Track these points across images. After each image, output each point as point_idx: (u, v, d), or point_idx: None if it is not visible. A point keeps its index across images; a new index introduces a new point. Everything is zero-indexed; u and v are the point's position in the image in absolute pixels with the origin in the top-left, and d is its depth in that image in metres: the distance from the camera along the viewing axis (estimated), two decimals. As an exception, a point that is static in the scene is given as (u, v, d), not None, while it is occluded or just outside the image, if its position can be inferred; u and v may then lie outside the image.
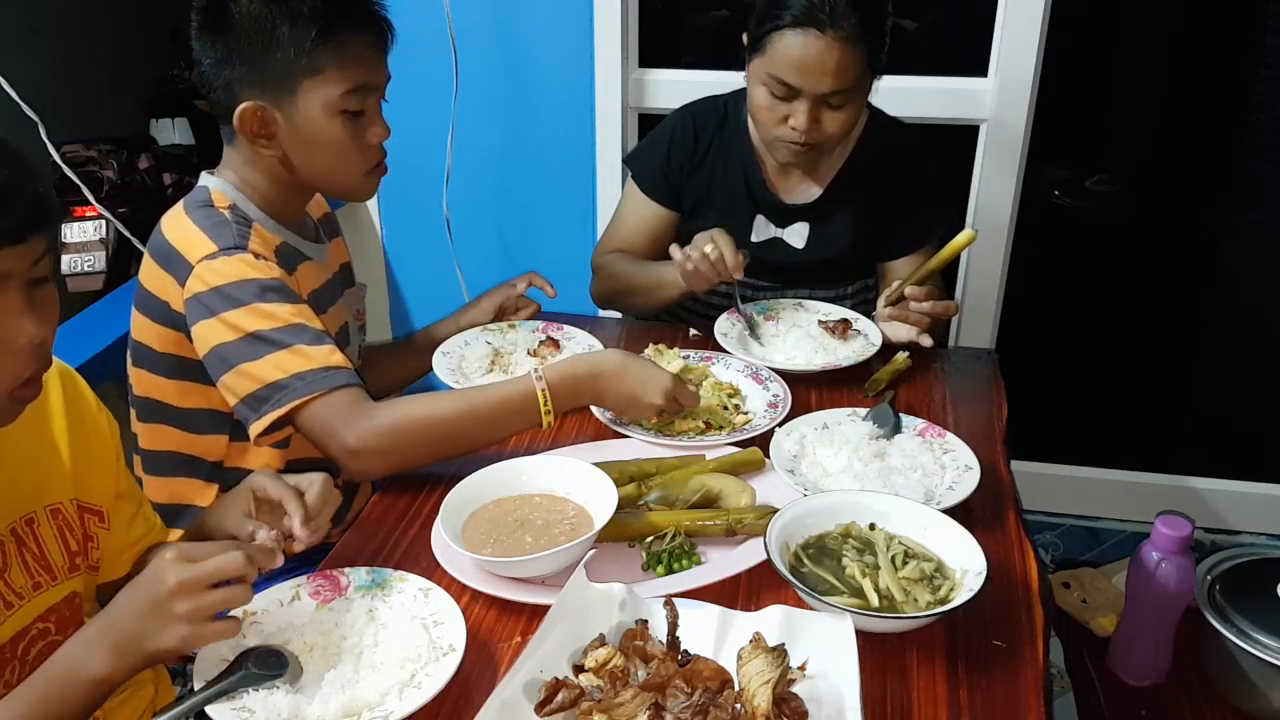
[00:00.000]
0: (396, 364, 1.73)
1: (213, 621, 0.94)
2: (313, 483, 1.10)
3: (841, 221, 1.79)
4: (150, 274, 1.35)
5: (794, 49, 1.54)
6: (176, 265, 1.31)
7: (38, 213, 0.91)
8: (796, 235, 1.81)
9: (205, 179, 1.39)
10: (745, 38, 1.64)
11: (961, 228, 1.62)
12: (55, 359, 1.12)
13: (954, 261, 1.67)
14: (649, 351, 1.59)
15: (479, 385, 1.35)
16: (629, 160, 1.92)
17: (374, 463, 1.28)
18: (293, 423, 1.27)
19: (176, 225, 1.34)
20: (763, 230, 1.82)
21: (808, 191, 1.80)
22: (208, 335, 1.28)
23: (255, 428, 1.27)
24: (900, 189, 1.77)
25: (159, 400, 1.40)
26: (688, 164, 1.82)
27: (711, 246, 1.57)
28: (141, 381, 1.42)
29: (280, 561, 1.03)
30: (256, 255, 1.30)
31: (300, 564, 1.44)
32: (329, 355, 1.27)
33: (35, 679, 0.96)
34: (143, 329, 1.39)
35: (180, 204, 1.37)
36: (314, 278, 1.45)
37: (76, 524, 1.13)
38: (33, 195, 0.90)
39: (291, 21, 1.29)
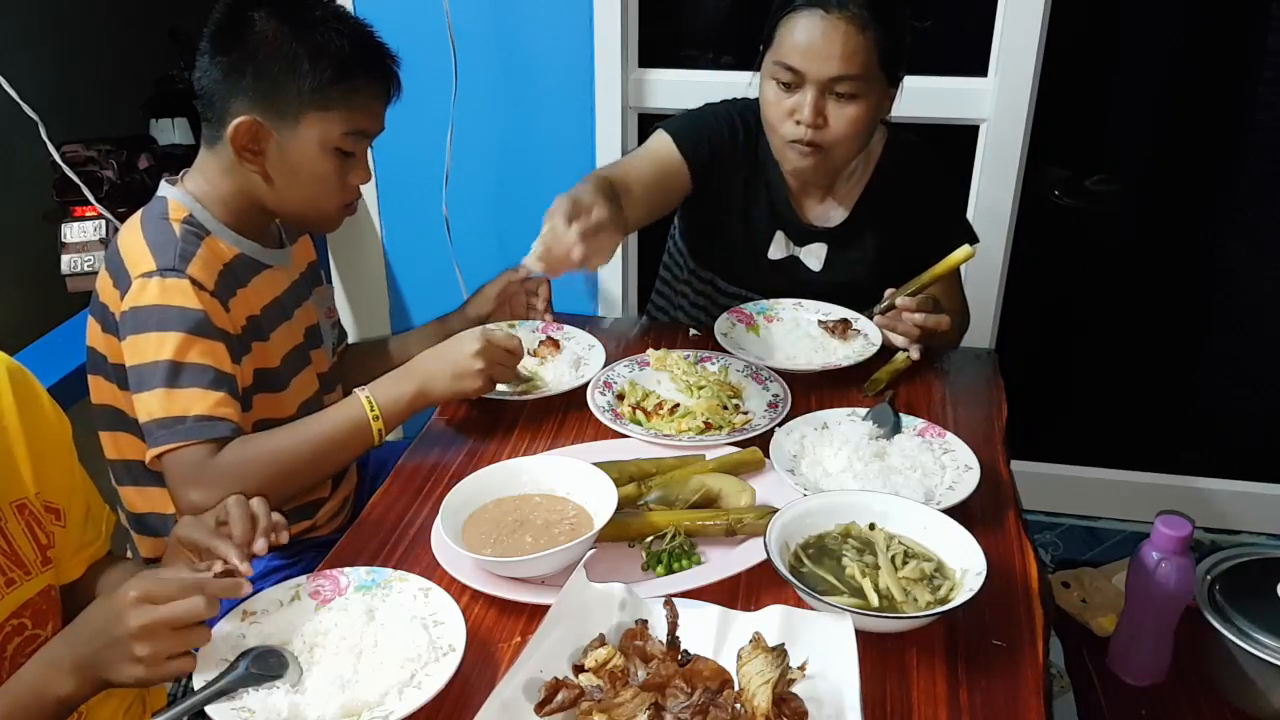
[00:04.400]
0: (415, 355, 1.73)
1: (170, 661, 0.95)
2: (229, 509, 1.08)
3: (862, 247, 1.77)
4: (103, 283, 1.37)
5: (799, 31, 1.54)
6: (121, 276, 1.32)
7: None
8: (813, 256, 1.79)
9: (164, 189, 1.40)
10: (761, 50, 1.62)
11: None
12: (5, 356, 1.12)
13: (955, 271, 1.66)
14: (649, 354, 1.59)
15: (313, 415, 1.36)
16: (668, 124, 1.76)
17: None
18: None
19: (128, 236, 1.35)
20: (780, 248, 1.79)
21: (829, 214, 1.77)
22: (129, 351, 1.30)
23: (147, 455, 1.29)
24: (923, 216, 1.74)
25: (116, 408, 1.40)
26: (729, 158, 1.75)
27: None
28: (99, 389, 1.42)
29: (246, 589, 1.02)
30: (193, 280, 1.30)
31: (300, 564, 1.45)
32: (217, 404, 1.28)
33: (0, 697, 0.96)
34: (95, 337, 1.40)
35: (139, 214, 1.38)
36: (275, 285, 1.46)
37: (44, 518, 1.13)
38: None
39: (314, 55, 1.31)
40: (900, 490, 1.25)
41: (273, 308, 1.44)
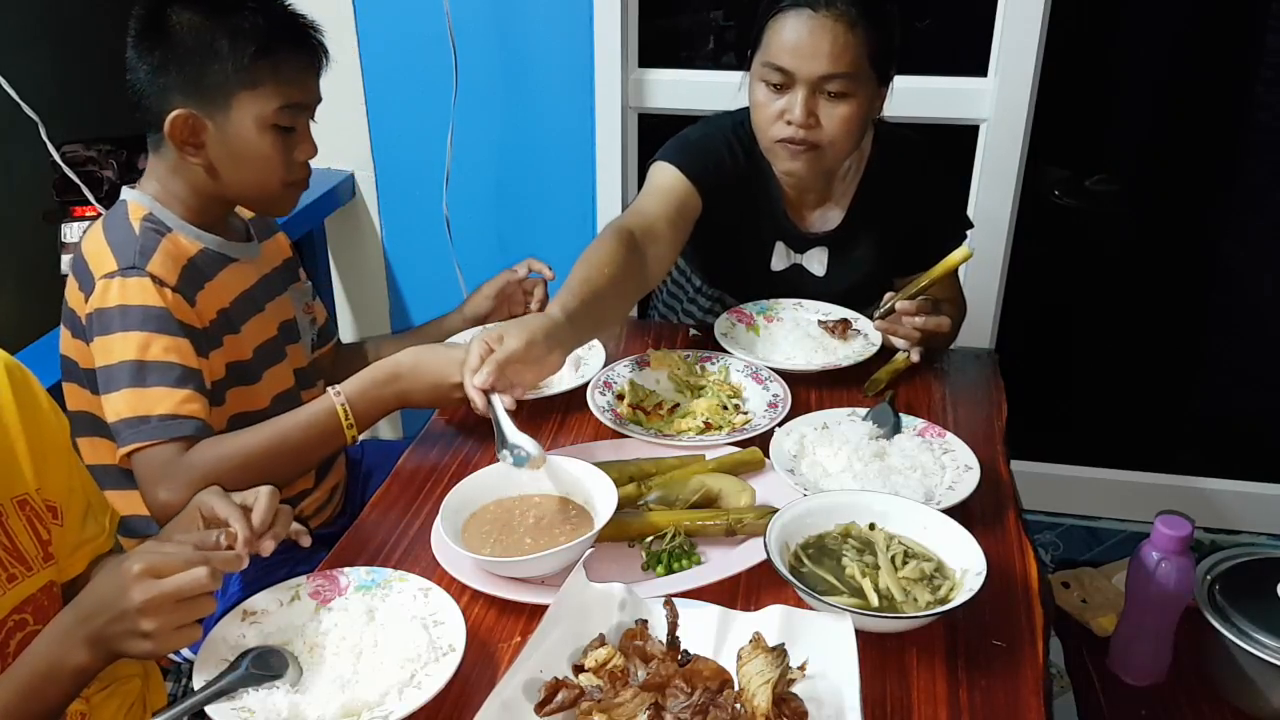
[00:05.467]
0: None
1: (177, 632, 0.95)
2: (259, 497, 1.08)
3: (862, 248, 1.77)
4: (70, 288, 1.38)
5: (787, 30, 1.53)
6: (85, 279, 1.34)
7: None
8: (816, 262, 1.78)
9: (125, 192, 1.41)
10: (750, 53, 1.62)
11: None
12: (4, 354, 1.12)
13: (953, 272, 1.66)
14: (649, 354, 1.59)
15: (286, 414, 1.37)
16: (666, 155, 1.71)
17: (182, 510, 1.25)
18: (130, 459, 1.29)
19: (91, 240, 1.36)
20: (782, 258, 1.79)
21: (826, 218, 1.77)
22: (96, 353, 1.31)
23: (117, 454, 1.30)
24: (918, 209, 1.73)
25: (90, 413, 1.41)
26: (730, 175, 1.71)
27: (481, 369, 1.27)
28: (74, 396, 1.43)
29: (245, 564, 1.02)
30: (154, 278, 1.31)
31: (289, 562, 1.45)
32: (182, 402, 1.28)
33: (15, 670, 0.97)
34: (67, 344, 1.40)
35: (100, 219, 1.40)
36: (243, 279, 1.47)
37: (45, 514, 1.13)
38: None
39: (231, 37, 1.32)
40: (900, 490, 1.25)
41: (242, 301, 1.45)
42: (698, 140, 1.73)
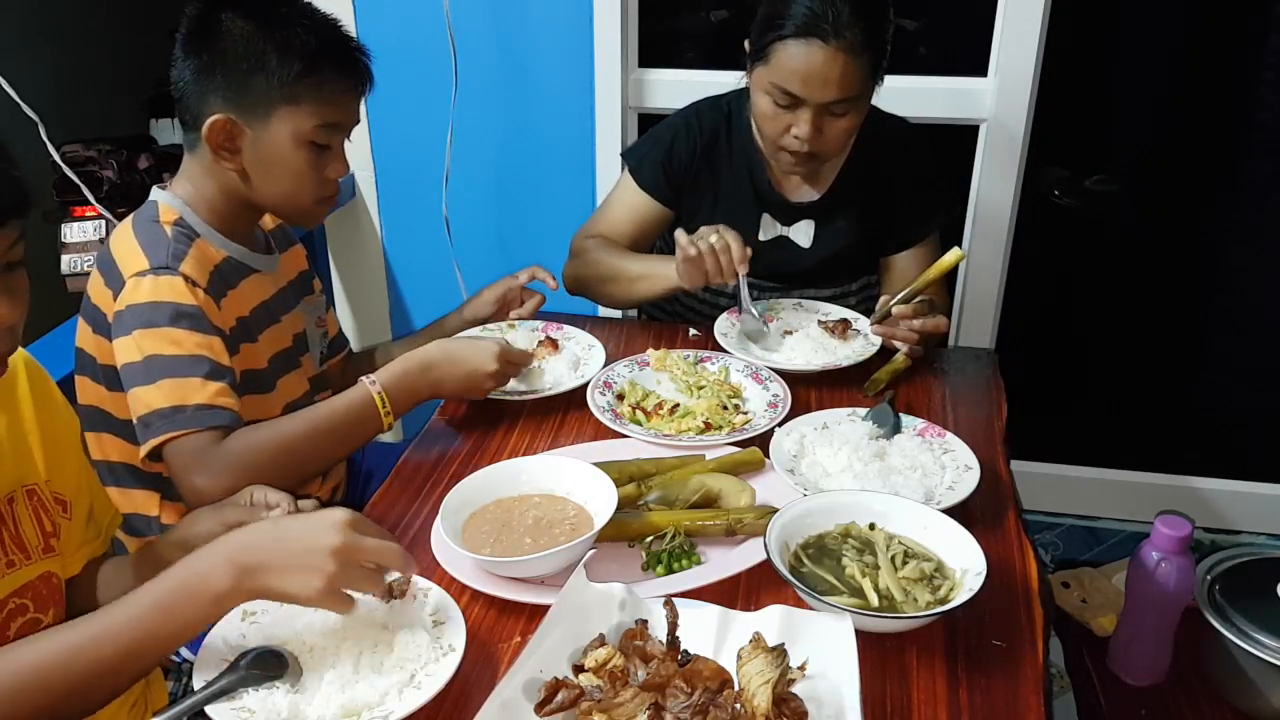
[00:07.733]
0: None
1: (341, 594, 0.96)
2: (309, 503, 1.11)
3: (846, 218, 1.80)
4: (94, 285, 1.38)
5: (797, 59, 1.55)
6: (113, 278, 1.34)
7: (14, 198, 0.93)
8: (802, 234, 1.81)
9: (155, 193, 1.42)
10: (747, 45, 1.64)
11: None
12: (24, 351, 1.13)
13: (951, 271, 1.67)
14: (649, 354, 1.59)
15: (321, 403, 1.38)
16: (627, 154, 1.90)
17: (219, 498, 1.25)
18: (161, 453, 1.28)
19: (120, 238, 1.37)
20: (769, 229, 1.82)
21: (812, 190, 1.81)
22: (120, 351, 1.31)
23: (141, 450, 1.29)
24: (901, 182, 1.78)
25: (102, 409, 1.41)
26: (691, 165, 1.81)
27: (717, 237, 1.57)
28: (86, 390, 1.43)
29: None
30: (186, 278, 1.32)
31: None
32: (217, 394, 1.28)
33: (159, 584, 0.95)
34: (85, 338, 1.41)
35: (130, 217, 1.40)
36: (262, 290, 1.48)
37: (52, 506, 1.14)
38: (10, 181, 0.92)
39: (280, 51, 1.33)
40: (900, 490, 1.25)
41: (260, 311, 1.46)
42: (655, 143, 1.84)
